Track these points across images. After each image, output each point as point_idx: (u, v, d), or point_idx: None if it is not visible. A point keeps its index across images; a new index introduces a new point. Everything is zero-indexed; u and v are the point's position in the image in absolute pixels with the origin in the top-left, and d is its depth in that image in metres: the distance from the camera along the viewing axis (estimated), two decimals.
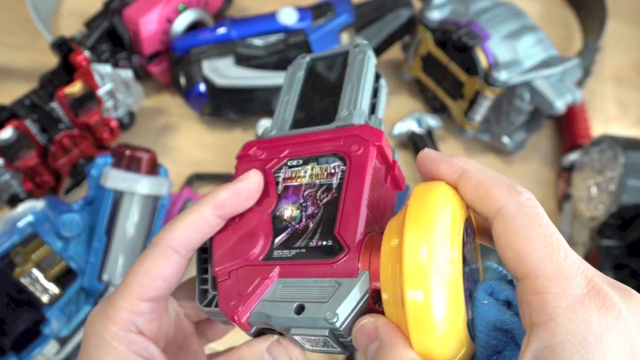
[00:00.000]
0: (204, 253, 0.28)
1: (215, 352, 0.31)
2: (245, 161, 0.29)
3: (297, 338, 0.24)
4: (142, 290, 0.25)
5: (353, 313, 0.22)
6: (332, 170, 0.26)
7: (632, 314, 0.19)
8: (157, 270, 0.25)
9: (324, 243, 0.24)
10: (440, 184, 0.22)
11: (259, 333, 0.25)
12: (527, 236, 0.20)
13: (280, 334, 0.24)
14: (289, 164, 0.28)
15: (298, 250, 0.25)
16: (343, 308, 0.22)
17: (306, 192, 0.26)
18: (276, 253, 0.25)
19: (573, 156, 0.61)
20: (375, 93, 0.31)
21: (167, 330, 0.28)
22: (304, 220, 0.25)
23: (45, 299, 0.45)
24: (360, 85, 0.29)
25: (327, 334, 0.22)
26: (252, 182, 0.27)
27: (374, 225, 0.25)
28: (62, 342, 0.46)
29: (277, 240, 0.26)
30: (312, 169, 0.27)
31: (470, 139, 0.66)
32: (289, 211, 0.26)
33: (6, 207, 0.56)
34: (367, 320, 0.22)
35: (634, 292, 0.20)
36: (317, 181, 0.26)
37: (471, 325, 0.22)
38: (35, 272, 0.45)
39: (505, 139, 0.62)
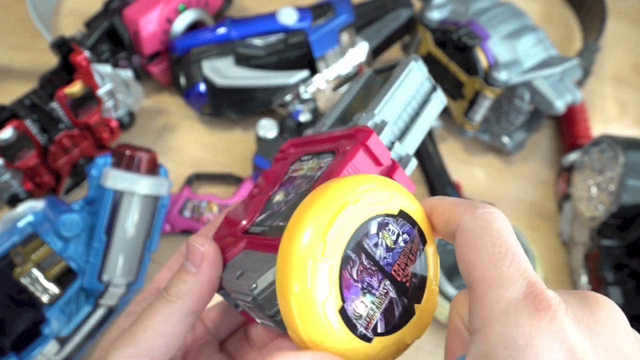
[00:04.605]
0: None
1: None
2: (279, 157, 0.32)
3: (241, 305, 0.26)
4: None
5: (273, 287, 0.23)
6: (322, 165, 0.27)
7: (600, 324, 0.19)
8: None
9: (281, 224, 0.26)
10: (337, 181, 0.23)
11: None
12: (477, 247, 0.20)
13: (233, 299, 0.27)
14: (302, 158, 0.30)
15: (264, 228, 0.27)
16: (263, 279, 0.23)
17: (297, 182, 0.28)
18: (252, 229, 0.27)
19: (573, 156, 0.61)
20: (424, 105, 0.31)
21: None
22: (282, 204, 0.27)
23: (45, 299, 0.45)
24: (387, 94, 0.29)
25: (249, 300, 0.24)
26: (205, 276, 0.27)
27: None
28: (62, 342, 0.46)
29: (258, 219, 0.28)
30: (311, 163, 0.28)
31: (470, 139, 0.66)
32: (278, 196, 0.28)
33: (6, 207, 0.56)
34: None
35: (607, 302, 0.20)
36: (309, 173, 0.28)
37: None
38: (35, 272, 0.45)
39: (505, 139, 0.62)
